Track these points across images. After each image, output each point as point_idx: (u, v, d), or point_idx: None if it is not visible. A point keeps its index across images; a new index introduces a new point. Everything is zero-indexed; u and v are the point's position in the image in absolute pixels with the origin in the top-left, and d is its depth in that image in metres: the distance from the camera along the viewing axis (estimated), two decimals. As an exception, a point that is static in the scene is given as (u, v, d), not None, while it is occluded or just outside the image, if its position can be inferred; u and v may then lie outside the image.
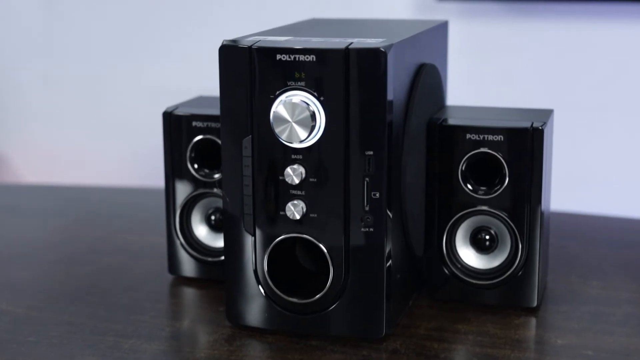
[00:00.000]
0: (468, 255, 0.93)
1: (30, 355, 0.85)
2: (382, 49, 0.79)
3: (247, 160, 0.84)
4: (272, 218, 0.85)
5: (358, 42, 0.81)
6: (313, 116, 0.81)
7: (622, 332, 0.88)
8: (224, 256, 0.88)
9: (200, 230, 1.00)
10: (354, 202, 0.82)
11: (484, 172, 0.92)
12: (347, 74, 0.80)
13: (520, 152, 0.89)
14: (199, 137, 0.97)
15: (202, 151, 0.98)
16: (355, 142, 0.81)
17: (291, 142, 0.82)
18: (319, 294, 0.85)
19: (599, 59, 1.75)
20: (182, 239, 1.00)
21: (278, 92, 0.82)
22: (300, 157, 0.83)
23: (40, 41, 2.10)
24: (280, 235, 0.85)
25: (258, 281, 0.87)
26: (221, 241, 0.97)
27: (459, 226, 0.93)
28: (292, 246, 0.87)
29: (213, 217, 1.00)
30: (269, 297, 0.87)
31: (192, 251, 1.00)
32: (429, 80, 0.92)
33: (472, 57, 1.78)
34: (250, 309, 0.88)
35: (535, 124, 0.89)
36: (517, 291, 0.92)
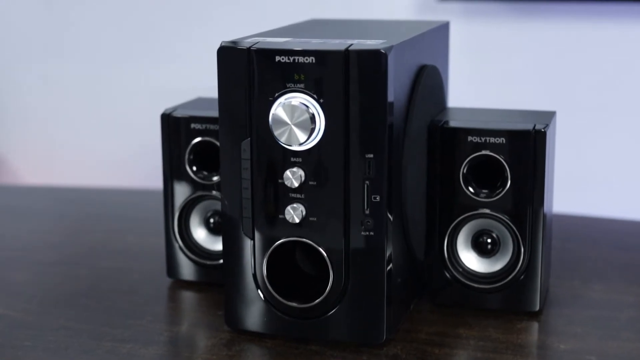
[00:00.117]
0: (469, 259, 0.92)
1: (27, 361, 0.84)
2: (383, 50, 0.78)
3: (246, 163, 0.83)
4: (272, 221, 0.84)
5: (358, 44, 0.80)
6: (312, 118, 0.80)
7: (626, 336, 0.87)
8: (223, 260, 0.87)
9: (199, 233, 1.00)
10: (354, 205, 0.81)
11: (485, 175, 0.91)
12: (347, 75, 0.79)
13: (522, 155, 0.88)
14: (198, 139, 0.96)
15: (201, 153, 0.97)
16: (356, 145, 0.80)
17: (290, 144, 0.81)
18: (318, 299, 0.84)
19: (601, 60, 1.74)
20: (181, 242, 0.99)
21: (277, 94, 0.81)
22: (299, 160, 0.82)
23: (39, 42, 2.09)
24: (279, 239, 0.84)
25: (257, 285, 0.86)
26: (220, 244, 0.97)
27: (461, 229, 0.92)
28: (292, 250, 0.86)
29: (212, 220, 0.99)
30: (268, 302, 0.86)
31: (191, 254, 0.99)
32: (430, 81, 0.91)
33: (473, 58, 1.77)
34: (249, 313, 0.87)
35: (538, 126, 0.88)
36: (519, 295, 0.91)
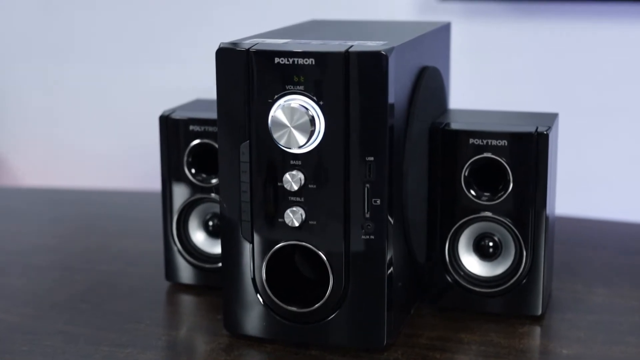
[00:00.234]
0: (471, 263, 0.91)
1: (23, 366, 0.83)
2: (383, 52, 0.77)
3: (245, 166, 0.82)
4: (271, 225, 0.83)
5: (358, 45, 0.79)
6: (312, 121, 0.79)
7: (629, 341, 0.86)
8: (222, 263, 0.86)
9: (198, 236, 0.99)
10: (354, 208, 0.80)
11: (487, 178, 0.90)
12: (347, 77, 0.78)
13: (524, 158, 0.87)
14: (196, 141, 0.95)
15: (200, 156, 0.96)
16: (356, 148, 0.79)
17: (290, 147, 0.80)
18: (318, 303, 0.83)
19: (603, 60, 1.73)
20: (179, 245, 0.98)
21: (276, 96, 0.80)
22: (299, 162, 0.81)
23: (38, 43, 2.08)
24: (278, 243, 0.83)
25: (256, 289, 0.85)
26: (219, 247, 0.95)
27: (462, 233, 0.91)
28: (291, 254, 0.85)
29: (211, 223, 0.98)
30: (268, 306, 0.85)
31: (190, 257, 0.98)
32: (431, 83, 0.90)
33: (474, 59, 1.76)
34: (248, 317, 0.86)
35: (540, 128, 0.87)
36: (522, 299, 0.90)
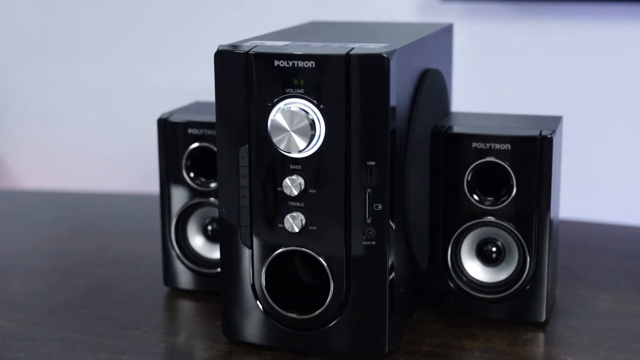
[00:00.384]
0: (474, 268, 0.90)
1: (19, 373, 0.82)
2: (385, 54, 0.76)
3: (244, 170, 0.81)
4: (270, 230, 0.82)
5: (359, 48, 0.78)
6: (312, 125, 0.78)
7: (635, 348, 0.85)
8: (220, 269, 0.85)
9: (197, 241, 0.97)
10: (355, 214, 0.79)
11: (490, 182, 0.89)
12: (348, 80, 0.77)
13: (528, 162, 0.86)
14: (195, 144, 0.94)
15: (199, 159, 0.95)
16: (357, 152, 0.78)
17: (290, 151, 0.79)
18: (319, 310, 0.82)
19: (608, 62, 1.72)
20: (178, 250, 0.97)
21: (276, 99, 0.79)
22: (299, 167, 0.79)
23: (37, 43, 2.07)
24: (278, 249, 0.82)
25: (256, 296, 0.84)
26: (218, 252, 0.94)
27: (465, 238, 0.90)
28: (291, 260, 0.83)
29: (210, 228, 0.97)
30: (267, 313, 0.84)
31: (188, 262, 0.97)
32: (433, 86, 0.89)
33: (476, 60, 1.74)
34: (247, 324, 0.85)
35: (544, 132, 0.86)
36: (525, 305, 0.89)
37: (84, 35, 2.04)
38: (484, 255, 0.90)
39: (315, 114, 0.78)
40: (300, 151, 0.79)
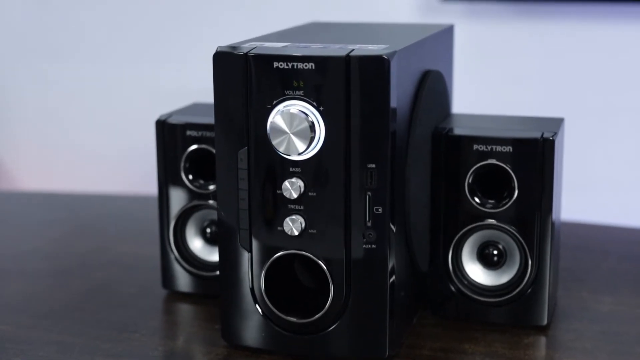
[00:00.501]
0: (475, 271, 0.90)
1: (16, 378, 0.81)
2: (385, 56, 0.75)
3: (243, 173, 0.80)
4: (270, 233, 0.81)
5: (359, 49, 0.77)
6: (312, 127, 0.77)
7: (637, 352, 0.84)
8: (219, 272, 0.84)
9: (196, 244, 0.97)
10: (355, 217, 0.78)
11: (491, 185, 0.88)
12: (348, 82, 0.76)
13: (529, 164, 0.85)
14: (194, 146, 0.93)
15: (197, 161, 0.94)
16: (357, 155, 0.77)
17: (289, 154, 0.78)
18: (318, 313, 0.81)
19: (610, 63, 1.71)
20: (177, 253, 0.96)
21: (275, 101, 0.78)
22: (298, 170, 0.79)
23: (35, 44, 2.06)
24: (278, 252, 0.81)
25: (255, 299, 0.83)
26: (217, 255, 0.93)
27: (466, 241, 0.89)
28: (291, 263, 0.83)
29: (208, 230, 0.96)
30: (267, 316, 0.83)
31: (187, 265, 0.96)
32: (434, 87, 0.88)
33: (477, 60, 1.74)
34: (246, 328, 0.84)
35: (546, 134, 0.85)
36: (527, 309, 0.88)
37: (83, 35, 2.03)
38: (485, 259, 0.89)
39: (315, 116, 0.77)
40: (299, 154, 0.78)
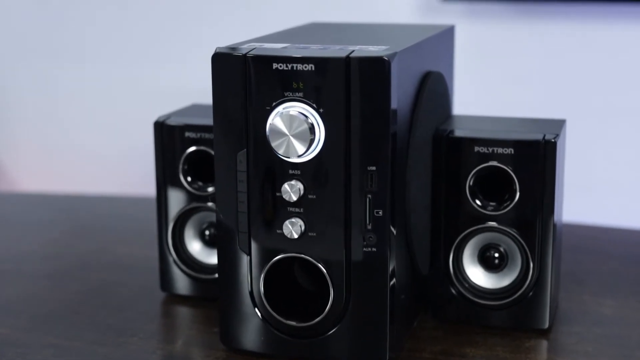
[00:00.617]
0: (476, 274, 0.89)
1: (12, 382, 0.81)
2: (386, 57, 0.74)
3: (242, 175, 0.80)
4: (269, 236, 0.80)
5: (360, 50, 0.76)
6: (312, 129, 0.76)
7: (639, 356, 0.84)
8: (218, 276, 0.84)
9: (194, 246, 0.96)
10: (355, 220, 0.78)
11: (493, 187, 0.87)
12: (348, 84, 0.75)
13: (531, 166, 0.84)
14: (192, 148, 0.93)
15: (196, 163, 0.93)
16: (357, 157, 0.76)
17: (289, 156, 0.77)
18: (318, 317, 0.80)
19: (613, 63, 1.70)
20: (175, 255, 0.96)
21: (275, 103, 0.77)
22: (298, 172, 0.78)
23: (33, 45, 2.05)
24: (277, 255, 0.80)
25: (254, 303, 0.82)
26: (216, 257, 0.93)
27: (467, 243, 0.88)
28: (290, 266, 0.82)
29: (207, 232, 0.96)
30: (266, 320, 0.82)
31: (186, 268, 0.96)
32: (434, 89, 0.87)
33: (478, 61, 1.73)
34: (245, 332, 0.83)
35: (548, 136, 0.85)
36: (528, 312, 0.87)
37: (83, 35, 2.03)
38: (486, 261, 0.89)
39: (315, 118, 0.76)
40: (299, 156, 0.77)
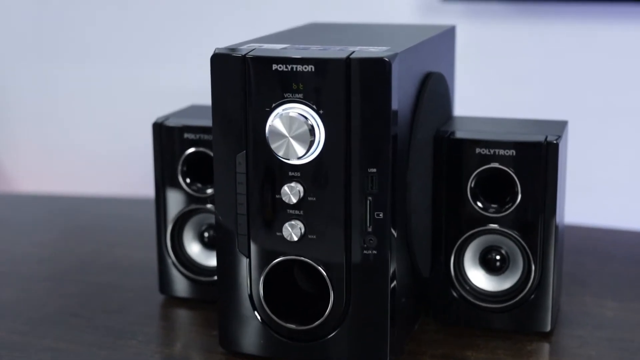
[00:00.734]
0: (477, 277, 0.88)
1: (10, 386, 0.80)
2: (386, 58, 0.74)
3: (241, 177, 0.79)
4: (268, 239, 0.79)
5: (360, 51, 0.75)
6: (312, 131, 0.75)
7: (642, 360, 0.83)
8: (217, 278, 0.83)
9: (193, 248, 0.95)
10: (355, 222, 0.77)
11: (494, 189, 0.86)
12: (349, 85, 0.75)
13: (533, 168, 0.84)
14: (191, 149, 0.92)
15: (195, 164, 0.93)
16: (357, 159, 0.76)
17: (288, 158, 0.77)
18: (318, 320, 0.80)
19: (614, 63, 1.70)
20: (174, 257, 0.95)
21: (274, 104, 0.76)
22: (298, 174, 0.77)
23: (32, 44, 2.05)
24: (277, 258, 0.79)
25: (253, 306, 0.82)
26: (215, 260, 0.92)
27: (468, 246, 0.87)
28: (290, 269, 0.81)
29: (206, 234, 0.95)
30: (265, 323, 0.82)
31: (185, 270, 0.95)
32: (435, 90, 0.87)
33: (477, 61, 1.72)
34: (245, 335, 0.82)
35: (550, 137, 0.84)
36: (530, 315, 0.87)
37: (83, 36, 2.02)
38: (488, 264, 0.88)
39: (315, 119, 0.76)
40: (299, 158, 0.76)
